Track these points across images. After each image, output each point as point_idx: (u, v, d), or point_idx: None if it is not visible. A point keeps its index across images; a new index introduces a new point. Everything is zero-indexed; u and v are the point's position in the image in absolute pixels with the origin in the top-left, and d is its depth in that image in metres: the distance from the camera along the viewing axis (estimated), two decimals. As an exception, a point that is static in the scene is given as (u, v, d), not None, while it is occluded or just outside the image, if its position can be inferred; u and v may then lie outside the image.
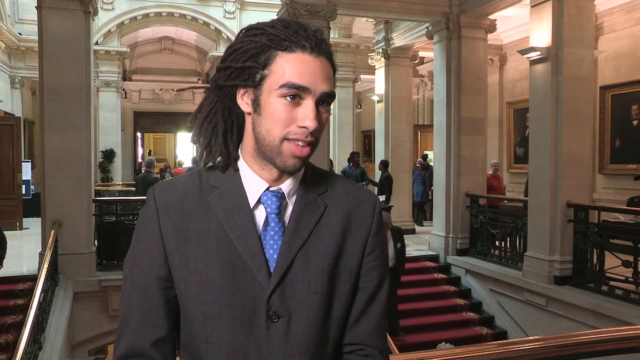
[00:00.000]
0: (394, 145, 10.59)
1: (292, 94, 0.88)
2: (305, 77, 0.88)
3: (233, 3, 13.35)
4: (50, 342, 5.39)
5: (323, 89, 0.90)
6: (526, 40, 7.59)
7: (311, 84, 0.89)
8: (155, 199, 0.96)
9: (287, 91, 0.88)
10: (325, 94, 0.90)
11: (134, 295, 0.95)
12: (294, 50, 0.89)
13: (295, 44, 0.90)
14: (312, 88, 0.89)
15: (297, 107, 0.89)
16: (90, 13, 6.73)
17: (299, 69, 0.89)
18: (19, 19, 12.12)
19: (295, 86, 0.88)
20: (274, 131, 0.90)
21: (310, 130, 0.89)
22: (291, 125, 0.89)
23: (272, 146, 0.91)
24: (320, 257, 0.94)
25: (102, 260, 7.00)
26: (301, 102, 0.89)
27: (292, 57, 0.89)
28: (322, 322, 0.94)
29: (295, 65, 0.89)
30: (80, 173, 6.54)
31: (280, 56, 0.90)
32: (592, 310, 5.85)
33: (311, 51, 0.90)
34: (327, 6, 7.62)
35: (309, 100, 0.89)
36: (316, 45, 0.90)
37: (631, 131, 8.50)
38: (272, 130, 0.90)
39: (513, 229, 7.50)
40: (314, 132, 0.90)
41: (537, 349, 1.67)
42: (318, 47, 0.91)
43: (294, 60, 0.89)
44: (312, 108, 0.89)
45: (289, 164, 0.91)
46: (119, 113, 13.97)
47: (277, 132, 0.90)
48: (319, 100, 0.90)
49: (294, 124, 0.89)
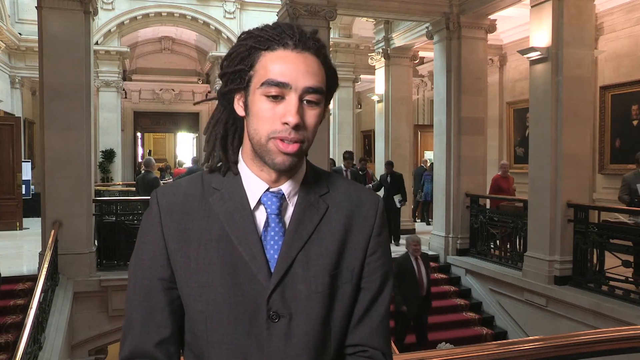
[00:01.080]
0: (394, 145, 10.60)
1: (274, 91, 0.88)
2: (286, 74, 0.88)
3: (233, 3, 13.35)
4: (50, 342, 5.39)
5: (306, 84, 0.89)
6: (526, 40, 7.59)
7: (292, 79, 0.88)
8: (158, 201, 0.98)
9: (267, 88, 0.88)
10: (309, 89, 0.89)
11: (138, 297, 0.95)
12: (275, 48, 0.90)
13: (278, 42, 0.90)
14: (292, 84, 0.88)
15: (280, 104, 0.89)
16: (90, 13, 6.73)
17: (280, 66, 0.89)
18: (19, 19, 12.12)
19: (274, 83, 0.88)
20: (260, 130, 0.90)
21: (291, 125, 0.88)
22: (275, 123, 0.89)
23: (260, 145, 0.91)
24: (321, 258, 0.94)
25: (102, 260, 6.99)
26: (284, 99, 0.89)
27: (274, 55, 0.90)
28: (323, 322, 0.94)
29: (276, 62, 0.89)
30: (80, 173, 6.54)
31: (264, 55, 0.91)
32: (592, 310, 5.85)
33: (294, 47, 0.90)
34: (327, 6, 7.62)
35: (291, 96, 0.89)
36: (300, 42, 0.90)
37: (631, 131, 8.50)
38: (259, 129, 0.90)
39: (513, 229, 7.50)
40: (298, 129, 0.89)
41: (537, 349, 1.67)
42: (303, 43, 0.90)
43: (276, 57, 0.90)
44: (294, 104, 0.88)
45: (277, 162, 0.91)
46: (119, 113, 13.98)
47: (262, 131, 0.90)
48: (303, 95, 0.89)
49: (277, 121, 0.89)
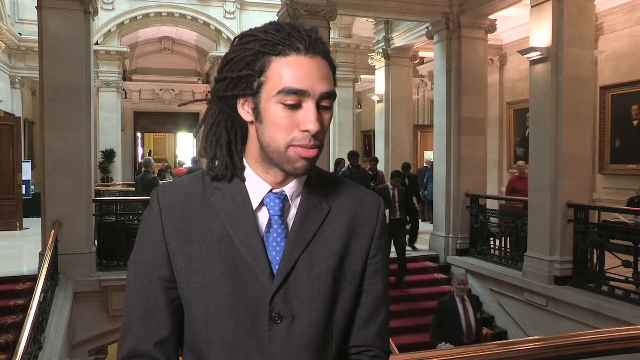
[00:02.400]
0: (394, 145, 10.61)
1: (291, 100, 0.87)
2: (302, 80, 0.87)
3: (233, 3, 13.35)
4: (50, 342, 5.39)
5: (322, 89, 0.88)
6: (526, 40, 7.59)
7: (309, 86, 0.87)
8: (158, 200, 0.97)
9: (285, 97, 0.87)
10: (324, 94, 0.89)
11: (137, 296, 0.95)
12: (288, 53, 0.88)
13: (289, 46, 0.88)
14: (310, 90, 0.87)
15: (297, 111, 0.88)
16: (90, 13, 6.72)
17: (295, 73, 0.87)
18: (19, 19, 12.12)
19: (293, 91, 0.86)
20: (277, 139, 0.89)
21: (312, 133, 0.87)
22: (294, 131, 0.88)
23: (278, 152, 0.89)
24: (324, 259, 0.94)
25: (102, 260, 6.99)
26: (301, 106, 0.88)
27: (286, 60, 0.88)
28: (325, 323, 0.94)
29: (290, 69, 0.87)
30: (80, 173, 6.54)
31: (275, 61, 0.88)
32: (592, 310, 5.85)
33: (306, 52, 0.88)
34: (327, 6, 7.62)
35: (308, 103, 0.88)
36: (310, 46, 0.89)
37: (631, 131, 8.50)
38: (276, 137, 0.89)
39: (513, 229, 7.51)
40: (317, 135, 0.88)
41: (537, 349, 1.67)
42: (313, 47, 0.89)
43: (289, 63, 0.87)
44: (313, 111, 0.87)
45: (298, 166, 0.90)
46: (119, 113, 13.98)
47: (280, 139, 0.89)
48: (319, 101, 0.89)
49: (296, 129, 0.88)
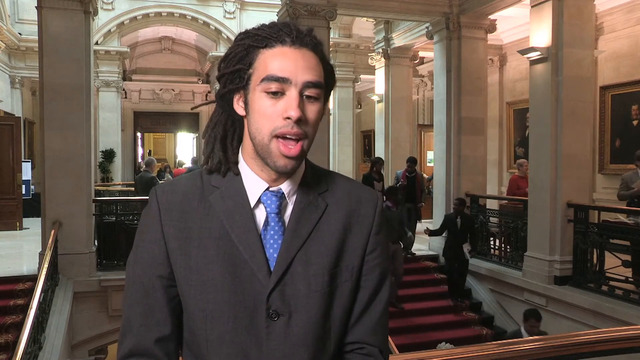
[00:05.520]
0: (394, 145, 10.61)
1: (274, 87, 0.89)
2: (285, 68, 0.89)
3: (233, 3, 13.35)
4: (50, 342, 5.39)
5: (305, 78, 0.90)
6: (526, 40, 7.59)
7: (292, 74, 0.89)
8: (157, 199, 0.97)
9: (268, 84, 0.89)
10: (309, 83, 0.90)
11: (137, 295, 0.95)
12: (274, 45, 0.92)
13: (276, 39, 0.92)
14: (292, 78, 0.89)
15: (280, 100, 0.90)
16: (90, 13, 6.73)
17: (278, 62, 0.90)
18: (19, 19, 12.13)
19: (274, 78, 0.89)
20: (262, 128, 0.91)
21: (293, 119, 0.89)
22: (277, 119, 0.90)
23: (262, 145, 0.91)
24: (320, 256, 0.95)
25: (102, 260, 6.98)
26: (285, 94, 0.90)
27: (272, 52, 0.91)
28: (323, 320, 0.94)
29: (275, 59, 0.90)
30: (80, 173, 6.54)
31: (262, 53, 0.92)
32: (592, 310, 5.85)
33: (292, 44, 0.91)
34: (327, 6, 7.62)
35: (291, 91, 0.90)
36: (297, 38, 0.92)
37: (631, 131, 8.50)
38: (261, 127, 0.91)
39: (513, 229, 7.50)
40: (300, 123, 0.90)
41: (537, 349, 1.67)
42: (300, 39, 0.92)
43: (274, 54, 0.91)
44: (295, 98, 0.89)
45: (279, 165, 0.91)
46: (119, 113, 13.98)
47: (265, 129, 0.90)
48: (303, 90, 0.90)
49: (279, 117, 0.89)
